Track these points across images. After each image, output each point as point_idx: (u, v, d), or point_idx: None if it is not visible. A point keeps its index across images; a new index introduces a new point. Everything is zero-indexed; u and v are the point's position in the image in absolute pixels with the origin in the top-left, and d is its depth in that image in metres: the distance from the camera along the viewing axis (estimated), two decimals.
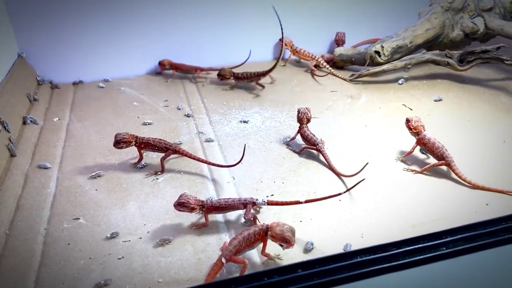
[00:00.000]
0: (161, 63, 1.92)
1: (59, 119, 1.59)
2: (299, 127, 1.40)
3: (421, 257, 0.78)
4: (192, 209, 1.04)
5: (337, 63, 1.98)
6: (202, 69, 1.91)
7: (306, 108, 1.40)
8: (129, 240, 1.04)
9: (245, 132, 1.51)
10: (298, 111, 1.41)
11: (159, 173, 1.28)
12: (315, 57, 1.95)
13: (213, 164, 1.29)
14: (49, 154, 1.38)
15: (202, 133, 1.50)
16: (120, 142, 1.28)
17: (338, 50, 1.95)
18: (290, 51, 2.02)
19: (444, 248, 0.81)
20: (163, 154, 1.29)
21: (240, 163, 1.23)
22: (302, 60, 2.04)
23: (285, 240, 0.91)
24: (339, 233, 1.05)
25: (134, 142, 1.29)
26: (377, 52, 1.82)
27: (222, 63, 1.95)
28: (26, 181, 1.25)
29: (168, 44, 1.95)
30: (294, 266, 0.76)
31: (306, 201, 1.05)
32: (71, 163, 1.33)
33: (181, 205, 1.03)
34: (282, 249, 0.95)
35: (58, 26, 1.82)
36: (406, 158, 1.33)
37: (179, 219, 1.10)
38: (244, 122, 1.56)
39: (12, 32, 1.77)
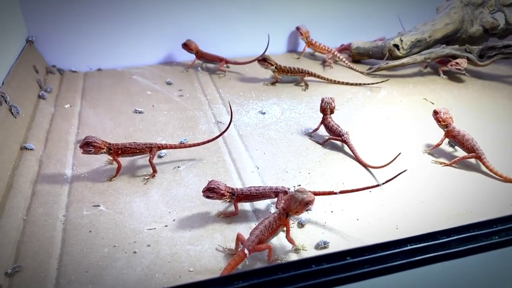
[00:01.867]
0: (188, 45, 1.82)
1: (70, 106, 1.53)
2: (323, 117, 1.36)
3: (476, 245, 0.74)
4: (222, 196, 0.99)
5: (354, 57, 1.94)
6: (227, 61, 1.84)
7: (330, 98, 1.36)
8: (155, 228, 0.99)
9: (264, 122, 1.46)
10: (322, 101, 1.36)
11: (155, 174, 1.17)
12: (331, 50, 1.91)
13: (195, 145, 1.24)
14: (62, 141, 1.32)
15: (221, 122, 1.45)
16: (89, 145, 1.12)
17: (355, 43, 1.92)
18: (306, 42, 1.96)
19: (497, 237, 0.77)
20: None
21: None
22: (316, 53, 2.00)
23: (306, 204, 0.89)
24: (372, 225, 1.01)
25: (106, 149, 1.15)
26: (396, 46, 1.78)
27: (235, 54, 1.91)
28: (40, 167, 1.19)
29: (180, 33, 1.89)
30: (342, 253, 0.72)
31: (341, 192, 1.01)
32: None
33: (211, 190, 0.98)
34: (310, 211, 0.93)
35: (68, 12, 1.76)
36: (434, 150, 1.29)
37: (205, 208, 1.05)
38: (263, 113, 1.52)
39: (22, 17, 1.71)
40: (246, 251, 0.86)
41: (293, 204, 0.88)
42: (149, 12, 1.84)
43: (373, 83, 1.72)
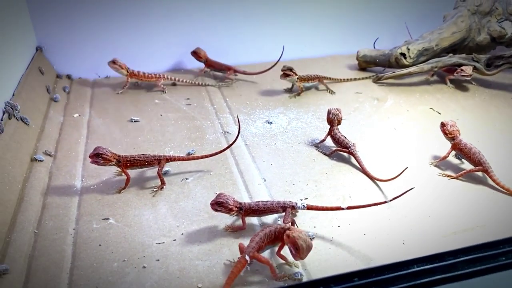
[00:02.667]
0: (197, 53, 1.82)
1: (79, 115, 1.55)
2: (330, 128, 1.37)
3: (483, 267, 0.75)
4: (230, 210, 1.00)
5: (360, 64, 1.94)
6: (236, 71, 1.84)
7: (337, 109, 1.37)
8: (163, 242, 1.00)
9: (271, 132, 1.47)
10: (329, 112, 1.37)
11: (163, 186, 1.18)
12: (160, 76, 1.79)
13: (203, 157, 1.24)
14: (72, 151, 1.34)
15: (228, 132, 1.47)
16: (98, 156, 1.13)
17: (362, 51, 1.92)
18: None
19: (504, 258, 0.78)
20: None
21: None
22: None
23: (295, 247, 0.85)
24: (379, 240, 1.02)
25: (115, 161, 1.16)
26: (403, 54, 1.79)
27: (242, 62, 1.92)
28: (50, 178, 1.21)
29: (187, 41, 1.90)
30: (350, 274, 0.73)
31: (349, 208, 1.01)
32: None
33: (220, 204, 0.99)
34: (292, 258, 0.89)
35: (76, 21, 1.78)
36: (440, 163, 1.30)
37: (213, 221, 1.06)
38: (269, 123, 1.52)
39: (31, 26, 1.72)
40: (247, 257, 0.87)
41: (294, 233, 0.87)
42: (157, 19, 1.85)
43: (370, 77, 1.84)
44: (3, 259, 0.92)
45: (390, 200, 1.02)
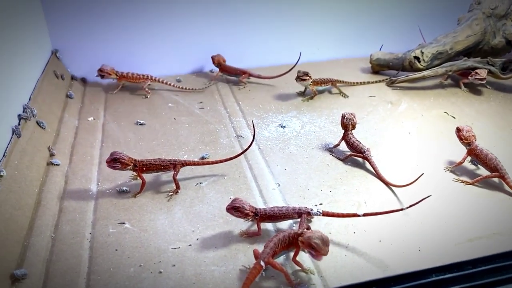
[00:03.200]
0: (212, 58, 1.84)
1: (94, 119, 1.56)
2: (344, 133, 1.36)
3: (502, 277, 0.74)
4: (245, 215, 1.00)
5: (373, 68, 1.93)
6: (250, 74, 1.84)
7: (351, 114, 1.36)
8: (179, 247, 1.00)
9: (284, 137, 1.47)
10: (343, 117, 1.36)
11: (178, 190, 1.19)
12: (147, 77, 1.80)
13: (218, 162, 1.25)
14: (87, 155, 1.35)
15: (241, 136, 1.47)
16: (116, 161, 1.14)
17: (375, 55, 1.91)
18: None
19: None
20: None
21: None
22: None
23: (312, 247, 0.86)
24: (395, 247, 1.01)
25: (132, 166, 1.17)
26: (417, 58, 1.78)
27: (255, 66, 1.93)
28: (67, 182, 1.22)
29: (203, 46, 1.91)
30: (367, 284, 0.72)
31: (365, 215, 1.01)
32: None
33: (236, 209, 1.00)
34: (315, 260, 0.89)
35: (91, 24, 1.79)
36: (456, 168, 1.29)
37: (228, 226, 1.07)
38: (283, 127, 1.52)
39: (47, 29, 1.74)
40: (262, 263, 0.87)
41: (308, 234, 0.88)
42: (171, 24, 1.86)
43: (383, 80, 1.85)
44: (21, 263, 0.93)
45: (407, 208, 1.02)
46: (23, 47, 1.45)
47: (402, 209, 1.01)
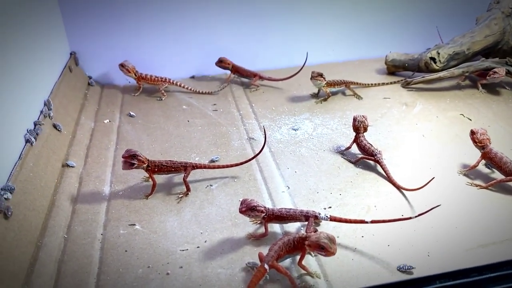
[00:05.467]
0: (223, 61, 1.85)
1: (110, 121, 1.59)
2: (355, 136, 1.35)
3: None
4: (261, 213, 1.01)
5: (389, 69, 1.91)
6: (261, 77, 1.84)
7: (363, 116, 1.35)
8: (187, 249, 1.02)
9: (296, 139, 1.47)
10: (354, 119, 1.36)
11: (188, 193, 1.20)
12: (165, 79, 1.81)
13: (228, 166, 1.26)
14: (101, 157, 1.38)
15: (253, 139, 1.47)
16: (134, 157, 1.16)
17: (391, 55, 1.89)
18: (135, 78, 1.80)
19: None
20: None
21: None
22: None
23: (321, 247, 0.86)
24: (404, 251, 1.00)
25: (146, 165, 1.18)
26: (433, 59, 1.75)
27: (269, 68, 1.94)
28: (81, 184, 1.25)
29: (215, 48, 1.93)
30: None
31: (373, 222, 1.00)
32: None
33: (253, 208, 1.00)
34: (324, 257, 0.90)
35: (107, 27, 1.83)
36: (470, 172, 1.26)
37: (236, 229, 1.08)
38: (295, 129, 1.52)
39: (64, 32, 1.78)
40: (266, 266, 0.88)
41: (313, 238, 0.88)
42: (186, 26, 1.89)
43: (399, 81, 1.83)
44: (34, 263, 0.96)
45: (416, 216, 1.00)
46: (41, 49, 1.49)
47: (410, 218, 1.00)
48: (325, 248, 0.86)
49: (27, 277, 0.92)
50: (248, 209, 1.01)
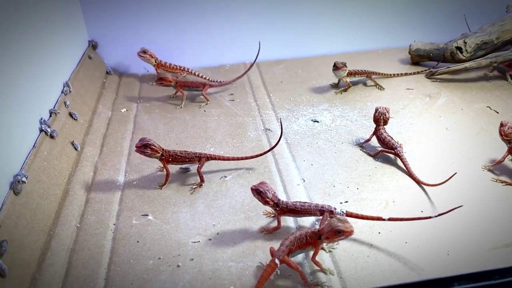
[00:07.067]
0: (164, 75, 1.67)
1: (127, 110, 1.58)
2: (375, 128, 1.31)
3: None
4: (265, 202, 0.99)
5: (413, 58, 1.85)
6: (211, 85, 1.68)
7: (385, 108, 1.31)
8: (199, 241, 1.00)
9: (313, 131, 1.43)
10: (376, 110, 1.31)
11: (202, 184, 1.19)
12: (183, 68, 1.80)
13: (244, 158, 1.24)
14: (117, 146, 1.38)
15: (269, 130, 1.45)
16: (147, 147, 1.16)
17: (415, 45, 1.82)
18: (154, 65, 1.78)
19: None
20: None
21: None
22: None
23: (338, 231, 0.85)
24: (422, 249, 0.96)
25: (160, 154, 1.18)
26: (459, 48, 1.68)
27: (292, 57, 1.90)
28: (95, 173, 1.25)
29: (231, 36, 1.90)
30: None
31: (390, 219, 0.96)
32: (139, 155, 1.31)
33: (258, 193, 0.99)
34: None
35: (126, 16, 1.82)
36: (495, 167, 1.21)
37: (248, 222, 1.05)
38: (313, 121, 1.48)
39: (83, 20, 1.78)
40: (277, 261, 0.86)
41: (326, 228, 0.86)
42: (203, 16, 1.86)
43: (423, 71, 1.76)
44: (46, 251, 0.96)
45: (436, 216, 0.95)
46: (60, 38, 1.49)
47: (430, 217, 0.96)
48: (342, 230, 0.85)
49: (38, 266, 0.93)
50: (254, 189, 1.00)
